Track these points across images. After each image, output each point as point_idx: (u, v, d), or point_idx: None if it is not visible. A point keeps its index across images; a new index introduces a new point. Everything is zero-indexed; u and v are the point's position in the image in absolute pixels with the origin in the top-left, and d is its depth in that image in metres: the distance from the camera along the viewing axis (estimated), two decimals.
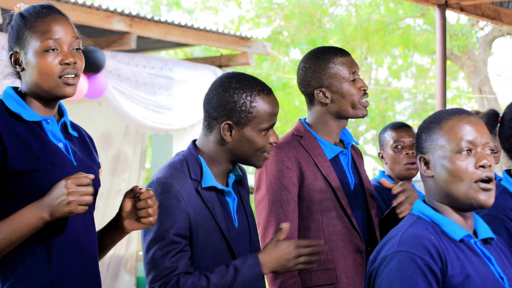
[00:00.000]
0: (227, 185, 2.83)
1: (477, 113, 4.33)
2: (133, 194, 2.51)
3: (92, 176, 2.37)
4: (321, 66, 3.28)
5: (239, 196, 2.87)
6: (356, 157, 3.42)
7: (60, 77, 2.45)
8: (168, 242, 2.65)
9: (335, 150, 3.30)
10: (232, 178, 2.83)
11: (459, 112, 2.28)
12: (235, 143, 2.75)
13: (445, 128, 2.24)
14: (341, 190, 3.23)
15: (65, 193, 2.31)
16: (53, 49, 2.45)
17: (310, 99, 3.34)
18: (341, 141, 3.39)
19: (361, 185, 3.36)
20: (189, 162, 2.76)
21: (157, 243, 2.66)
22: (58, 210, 2.32)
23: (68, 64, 2.46)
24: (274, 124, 2.80)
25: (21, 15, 2.49)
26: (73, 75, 2.47)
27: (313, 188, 3.21)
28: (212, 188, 2.76)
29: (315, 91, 3.29)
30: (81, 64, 2.51)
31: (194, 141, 2.84)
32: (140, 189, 2.49)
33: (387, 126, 4.09)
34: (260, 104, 2.75)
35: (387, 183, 3.23)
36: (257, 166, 2.81)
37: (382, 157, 4.05)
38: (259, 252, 2.73)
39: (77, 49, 2.51)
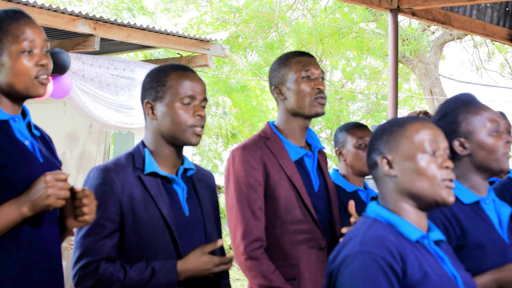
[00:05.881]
0: (176, 176, 2.87)
1: (425, 113, 4.61)
2: (70, 193, 2.54)
3: (69, 173, 2.50)
4: (279, 65, 3.36)
5: (192, 187, 2.91)
6: (322, 161, 3.47)
7: (36, 77, 2.51)
8: (96, 225, 2.71)
9: (300, 152, 3.36)
10: (181, 169, 2.87)
11: (420, 119, 2.36)
12: (160, 121, 2.80)
13: (409, 131, 2.30)
14: (304, 190, 3.30)
15: (45, 187, 2.40)
16: (28, 51, 2.50)
17: (276, 99, 3.41)
18: (308, 144, 3.44)
19: (326, 186, 3.42)
20: (135, 154, 2.85)
21: (86, 225, 2.72)
22: (38, 203, 2.41)
23: (42, 65, 2.52)
24: (195, 98, 2.80)
25: None
26: (46, 76, 2.54)
27: (278, 187, 3.27)
28: (155, 175, 2.81)
29: (272, 88, 3.39)
30: (51, 66, 2.58)
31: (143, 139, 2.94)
32: (75, 189, 2.52)
33: (347, 125, 4.10)
34: (173, 77, 2.80)
35: (353, 210, 3.14)
36: (190, 143, 2.81)
37: (340, 154, 4.04)
38: (181, 259, 2.76)
39: (46, 51, 2.57)
